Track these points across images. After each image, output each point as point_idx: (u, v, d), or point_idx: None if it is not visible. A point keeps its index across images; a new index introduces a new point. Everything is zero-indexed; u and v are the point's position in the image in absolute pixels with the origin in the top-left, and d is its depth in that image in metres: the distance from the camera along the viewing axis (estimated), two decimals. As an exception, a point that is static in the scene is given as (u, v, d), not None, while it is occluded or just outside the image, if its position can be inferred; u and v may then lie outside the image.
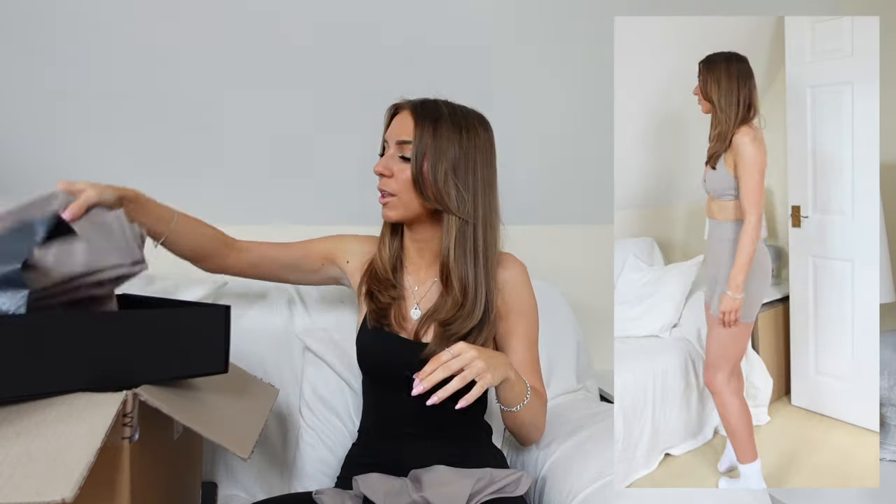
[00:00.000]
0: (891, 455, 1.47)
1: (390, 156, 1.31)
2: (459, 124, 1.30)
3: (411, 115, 1.30)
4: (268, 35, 1.79)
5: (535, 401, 1.26)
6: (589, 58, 1.98)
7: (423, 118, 1.29)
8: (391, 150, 1.31)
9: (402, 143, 1.29)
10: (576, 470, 1.30)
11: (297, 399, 1.64)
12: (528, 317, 1.38)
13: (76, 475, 0.75)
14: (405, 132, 1.29)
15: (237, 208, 2.02)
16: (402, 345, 1.32)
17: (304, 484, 1.55)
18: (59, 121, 1.78)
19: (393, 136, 1.32)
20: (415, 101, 1.34)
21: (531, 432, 1.34)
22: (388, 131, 1.35)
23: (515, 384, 1.20)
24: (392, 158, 1.31)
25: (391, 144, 1.32)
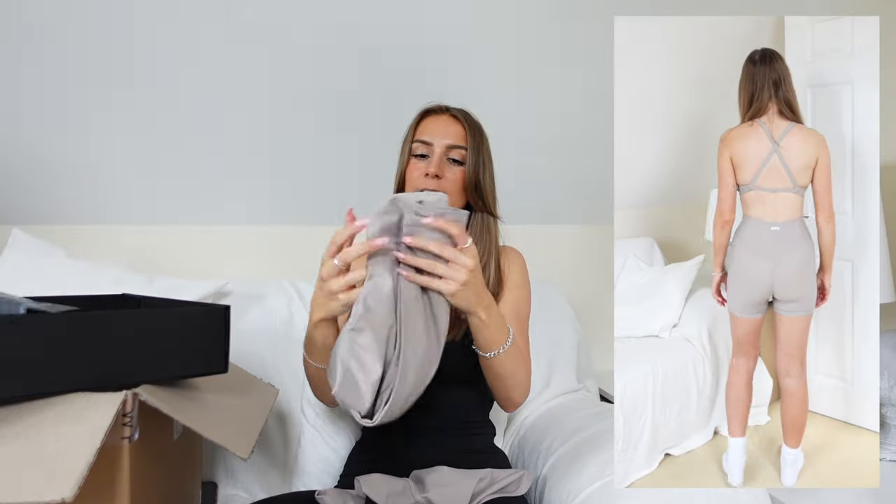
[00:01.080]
0: (891, 455, 1.47)
1: (440, 157, 1.34)
2: (484, 133, 1.41)
3: (459, 122, 1.38)
4: (268, 35, 1.79)
5: (514, 353, 1.22)
6: (589, 58, 1.98)
7: (471, 125, 1.38)
8: (440, 151, 1.35)
9: (454, 148, 1.35)
10: (576, 470, 1.29)
11: (297, 399, 1.64)
12: (519, 291, 1.40)
13: (76, 475, 0.75)
14: (456, 137, 1.36)
15: (237, 208, 2.02)
16: None
17: (305, 483, 1.56)
18: (61, 121, 1.79)
19: (440, 138, 1.35)
20: (453, 107, 1.42)
21: (510, 388, 1.27)
22: (429, 133, 1.37)
23: (489, 327, 1.15)
24: (441, 160, 1.34)
25: (438, 146, 1.35)
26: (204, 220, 2.00)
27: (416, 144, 1.37)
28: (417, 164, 1.36)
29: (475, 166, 1.35)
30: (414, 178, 1.35)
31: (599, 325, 2.20)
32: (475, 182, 1.35)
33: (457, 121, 1.38)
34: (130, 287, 1.53)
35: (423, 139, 1.36)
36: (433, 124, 1.38)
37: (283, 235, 2.07)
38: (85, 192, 1.89)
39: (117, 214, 1.94)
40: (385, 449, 1.35)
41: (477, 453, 1.34)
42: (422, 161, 1.36)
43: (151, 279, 1.68)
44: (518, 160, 2.10)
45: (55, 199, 1.88)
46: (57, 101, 1.76)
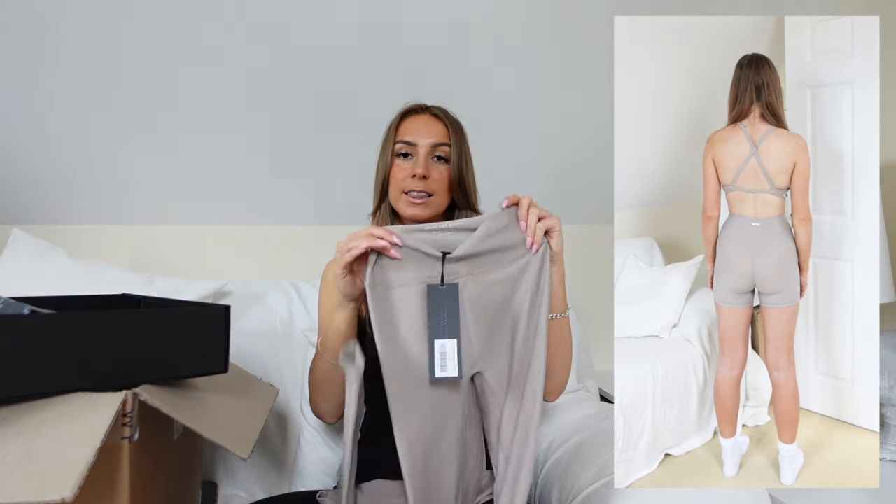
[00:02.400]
0: (891, 455, 1.47)
1: (425, 157, 1.34)
2: (464, 129, 1.41)
3: (440, 120, 1.37)
4: (269, 35, 1.79)
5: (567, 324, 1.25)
6: (589, 57, 1.98)
7: (452, 122, 1.38)
8: (424, 152, 1.34)
9: (438, 146, 1.34)
10: (576, 470, 1.29)
11: (297, 399, 1.64)
12: None
13: (76, 475, 0.75)
14: (439, 135, 1.35)
15: (238, 209, 2.02)
16: None
17: (304, 482, 1.56)
18: (61, 121, 1.79)
19: (423, 137, 1.35)
20: (434, 106, 1.41)
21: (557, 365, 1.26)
22: (412, 133, 1.36)
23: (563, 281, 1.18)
24: (426, 160, 1.34)
25: (422, 146, 1.34)
26: (204, 220, 2.01)
27: (399, 145, 1.36)
28: (402, 164, 1.35)
29: (459, 163, 1.35)
30: (399, 179, 1.34)
31: (599, 325, 2.20)
32: (460, 179, 1.35)
33: (438, 119, 1.38)
34: (130, 287, 1.53)
35: (406, 139, 1.35)
36: (415, 124, 1.37)
37: (283, 235, 2.07)
38: (85, 193, 1.90)
39: (118, 214, 1.94)
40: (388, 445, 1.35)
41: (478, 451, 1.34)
42: (406, 161, 1.35)
43: (151, 279, 1.68)
44: (518, 160, 2.10)
45: (55, 199, 1.89)
46: (57, 102, 1.76)
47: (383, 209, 1.39)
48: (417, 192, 1.32)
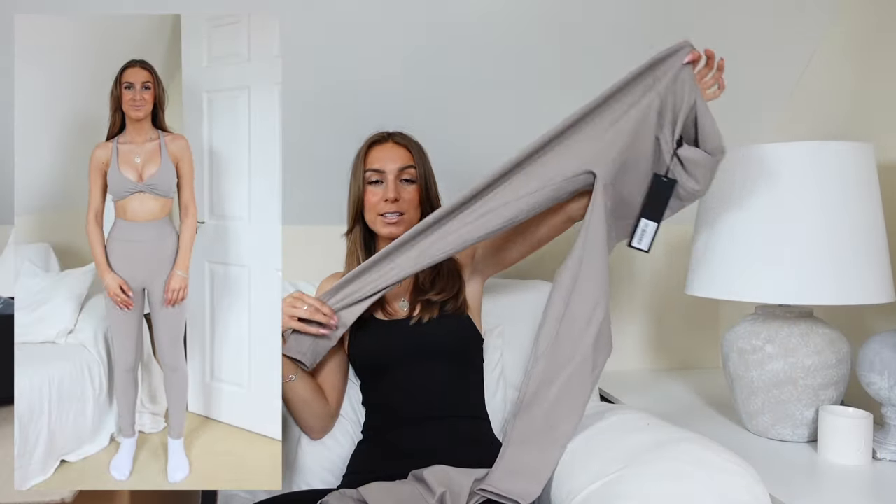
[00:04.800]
0: (891, 455, 1.45)
1: (394, 182, 1.50)
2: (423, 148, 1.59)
3: (401, 145, 1.55)
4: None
5: None
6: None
7: (412, 145, 1.56)
8: (392, 177, 1.50)
9: (405, 169, 1.52)
10: (576, 470, 1.30)
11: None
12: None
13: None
14: (404, 159, 1.53)
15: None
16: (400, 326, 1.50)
17: (307, 481, 1.56)
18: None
19: (390, 164, 1.52)
20: (395, 132, 1.58)
21: None
22: (379, 161, 1.52)
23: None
24: (395, 184, 1.50)
25: (390, 171, 1.51)
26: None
27: (369, 173, 1.52)
28: (374, 190, 1.52)
29: (425, 180, 1.55)
30: (373, 203, 1.51)
31: None
32: (427, 194, 1.55)
33: (400, 145, 1.55)
34: None
35: (375, 167, 1.52)
36: (381, 153, 1.53)
37: (283, 235, 1.85)
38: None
39: None
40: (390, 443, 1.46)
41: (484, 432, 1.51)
42: (378, 187, 1.52)
43: None
44: None
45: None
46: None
47: (357, 230, 1.56)
48: (391, 213, 1.49)
